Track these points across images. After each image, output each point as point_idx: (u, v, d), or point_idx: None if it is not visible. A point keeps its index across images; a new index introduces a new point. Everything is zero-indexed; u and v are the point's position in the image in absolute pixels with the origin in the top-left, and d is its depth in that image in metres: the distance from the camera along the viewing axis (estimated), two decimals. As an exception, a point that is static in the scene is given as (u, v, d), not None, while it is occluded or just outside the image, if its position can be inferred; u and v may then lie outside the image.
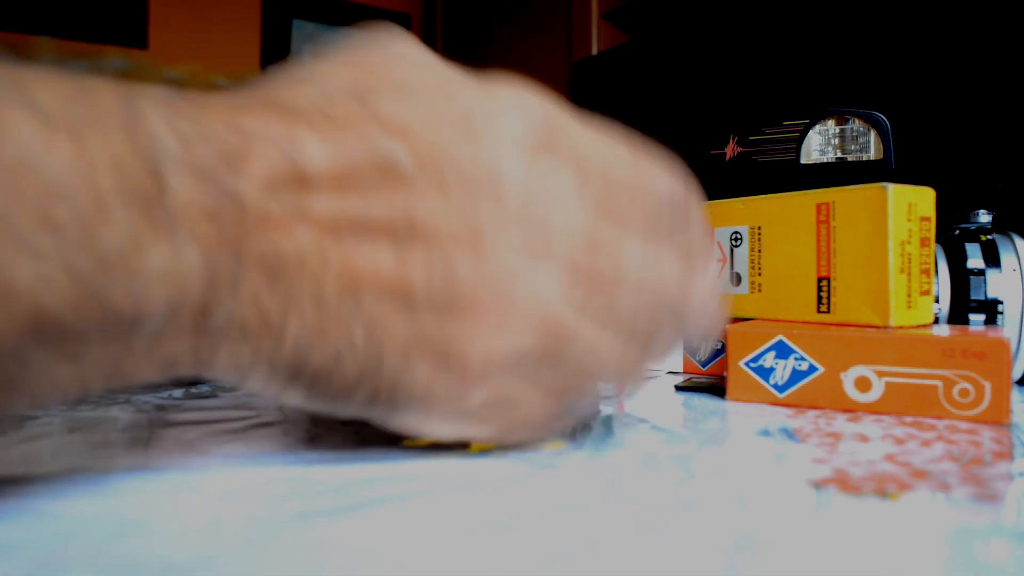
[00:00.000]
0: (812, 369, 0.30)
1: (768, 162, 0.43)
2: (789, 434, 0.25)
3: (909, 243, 0.29)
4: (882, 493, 0.18)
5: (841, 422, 0.27)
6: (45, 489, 0.19)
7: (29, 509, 0.17)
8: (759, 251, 0.35)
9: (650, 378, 0.38)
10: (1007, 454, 0.23)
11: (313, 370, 0.18)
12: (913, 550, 0.15)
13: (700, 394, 0.33)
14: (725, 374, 0.32)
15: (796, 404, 0.30)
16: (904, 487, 0.19)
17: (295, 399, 0.19)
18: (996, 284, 0.35)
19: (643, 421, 0.28)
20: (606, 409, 0.30)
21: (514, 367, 0.19)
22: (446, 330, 0.18)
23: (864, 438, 0.24)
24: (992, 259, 0.35)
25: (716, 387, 0.34)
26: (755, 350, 0.31)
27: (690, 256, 0.22)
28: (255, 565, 0.14)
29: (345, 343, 0.17)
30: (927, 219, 0.30)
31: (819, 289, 0.32)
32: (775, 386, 0.31)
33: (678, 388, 0.35)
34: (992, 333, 0.28)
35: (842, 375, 0.29)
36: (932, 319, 0.31)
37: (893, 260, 0.29)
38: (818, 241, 0.32)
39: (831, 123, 0.41)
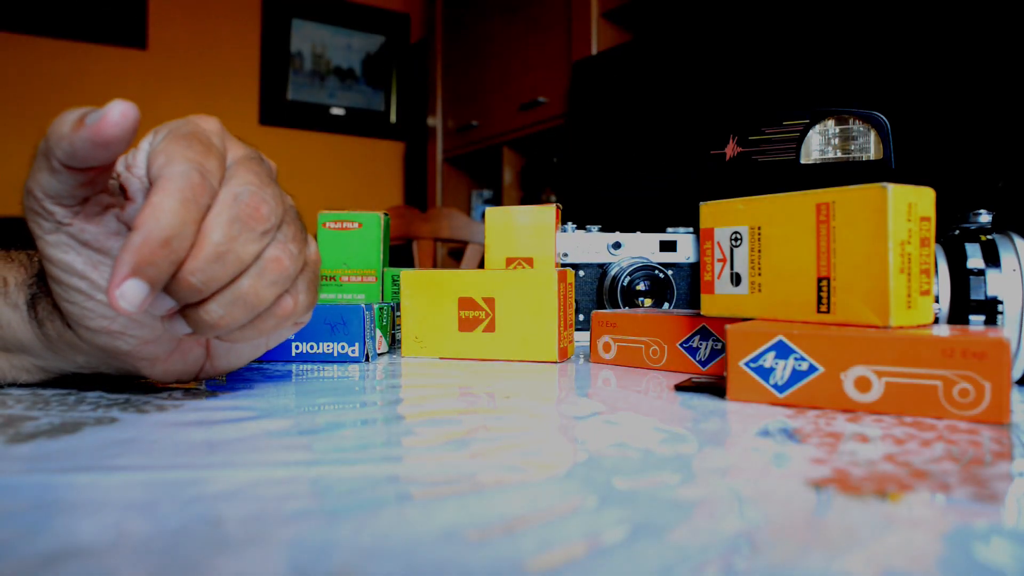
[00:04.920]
0: (812, 369, 0.30)
1: (768, 162, 0.43)
2: (789, 434, 0.25)
3: (909, 243, 0.29)
4: (882, 493, 0.18)
5: (841, 422, 0.27)
6: (44, 489, 0.19)
7: (28, 508, 0.17)
8: (759, 251, 0.35)
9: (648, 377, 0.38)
10: (1007, 454, 0.23)
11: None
12: (913, 550, 0.15)
13: (700, 394, 0.33)
14: (725, 374, 0.32)
15: (796, 404, 0.30)
16: (904, 487, 0.19)
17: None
18: (996, 284, 0.35)
19: (643, 421, 0.28)
20: (598, 409, 0.30)
21: None
22: None
23: (864, 438, 0.24)
24: (992, 259, 0.35)
25: (716, 387, 0.34)
26: (755, 350, 0.31)
27: None
28: (255, 565, 0.14)
29: None
30: (927, 219, 0.30)
31: (819, 289, 0.32)
32: (775, 386, 0.31)
33: (678, 388, 0.35)
34: (992, 333, 0.28)
35: (842, 375, 0.29)
36: (932, 319, 0.31)
37: (893, 260, 0.29)
38: (818, 241, 0.32)
39: (831, 123, 0.41)
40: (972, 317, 0.35)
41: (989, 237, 0.36)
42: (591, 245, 0.60)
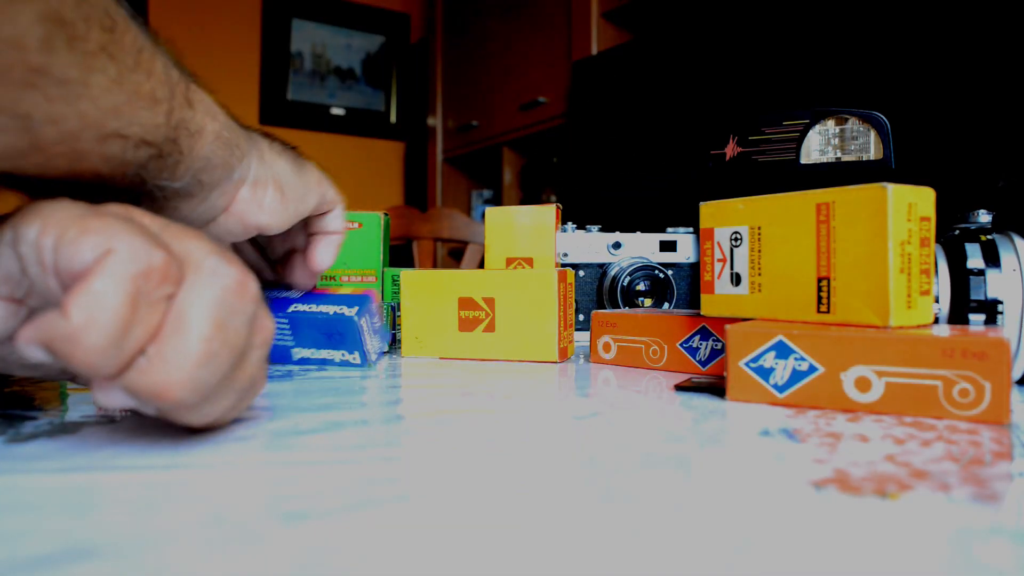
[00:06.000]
0: (812, 369, 0.30)
1: (768, 162, 0.43)
2: (789, 434, 0.25)
3: (909, 243, 0.29)
4: (882, 493, 0.18)
5: (841, 422, 0.27)
6: (43, 489, 0.19)
7: (27, 507, 0.17)
8: (759, 251, 0.35)
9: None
10: (1007, 454, 0.23)
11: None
12: (913, 550, 0.15)
13: (700, 394, 0.33)
14: (725, 374, 0.32)
15: (796, 404, 0.30)
16: (904, 487, 0.19)
17: None
18: (996, 284, 0.35)
19: (643, 421, 0.28)
20: (598, 409, 0.30)
21: None
22: None
23: (864, 438, 0.24)
24: (992, 259, 0.35)
25: (716, 387, 0.34)
26: (755, 350, 0.31)
27: None
28: (255, 565, 0.14)
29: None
30: (927, 219, 0.30)
31: (819, 289, 0.32)
32: (775, 386, 0.31)
33: (678, 388, 0.35)
34: (992, 333, 0.28)
35: (842, 375, 0.29)
36: (932, 319, 0.31)
37: (893, 260, 0.29)
38: (818, 241, 0.32)
39: (831, 123, 0.41)
40: (972, 317, 0.35)
41: (989, 237, 0.36)
42: (591, 245, 0.60)
